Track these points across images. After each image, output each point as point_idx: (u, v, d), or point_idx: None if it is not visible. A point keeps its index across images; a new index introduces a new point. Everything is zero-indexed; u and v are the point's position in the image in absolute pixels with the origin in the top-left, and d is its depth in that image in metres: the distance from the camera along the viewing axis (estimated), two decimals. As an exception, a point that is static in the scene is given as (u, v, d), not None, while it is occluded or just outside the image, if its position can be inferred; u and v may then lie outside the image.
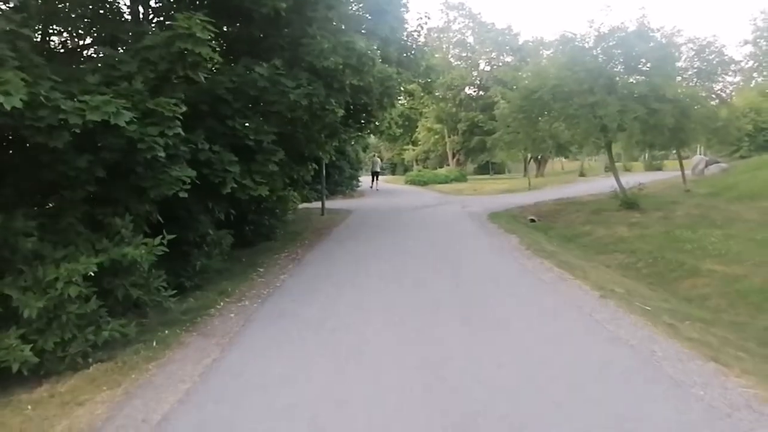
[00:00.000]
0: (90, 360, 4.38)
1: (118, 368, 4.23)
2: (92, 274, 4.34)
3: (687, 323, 5.65)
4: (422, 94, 28.16)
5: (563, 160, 46.48)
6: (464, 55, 42.16)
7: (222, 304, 6.20)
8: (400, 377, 3.90)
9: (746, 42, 38.19)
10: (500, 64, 42.01)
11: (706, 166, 25.14)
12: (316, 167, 11.57)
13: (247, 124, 6.94)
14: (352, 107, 11.07)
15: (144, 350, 4.61)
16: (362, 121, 11.88)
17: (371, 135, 19.84)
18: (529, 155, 38.19)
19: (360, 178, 28.61)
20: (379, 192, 27.48)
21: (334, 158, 14.04)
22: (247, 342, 4.82)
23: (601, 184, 23.76)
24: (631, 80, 15.82)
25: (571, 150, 34.00)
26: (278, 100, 7.07)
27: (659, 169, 33.70)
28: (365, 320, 5.35)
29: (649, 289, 8.46)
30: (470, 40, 42.55)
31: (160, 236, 4.91)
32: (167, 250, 4.94)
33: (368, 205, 20.28)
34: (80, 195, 4.86)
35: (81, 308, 4.33)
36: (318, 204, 17.28)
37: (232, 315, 5.73)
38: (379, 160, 35.97)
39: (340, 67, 7.80)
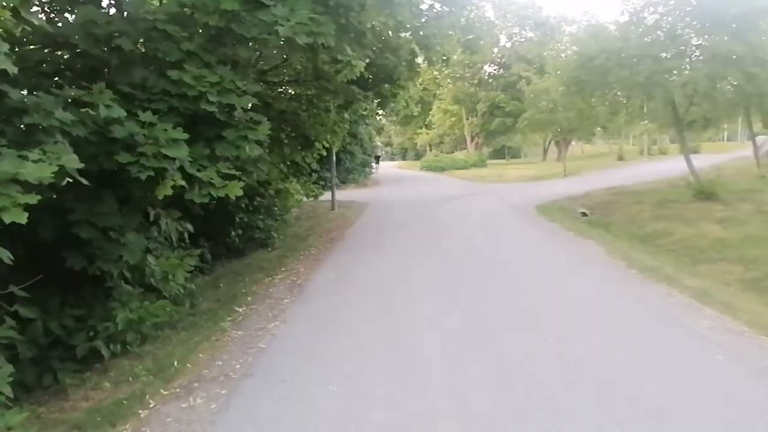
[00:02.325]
0: None
1: None
2: None
3: None
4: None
5: (583, 144, 43.27)
6: (484, 29, 38.64)
7: (152, 403, 3.34)
8: None
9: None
10: (522, 40, 38.81)
11: (773, 147, 21.92)
12: (326, 147, 8.62)
13: (205, 77, 4.00)
14: (370, 79, 8.09)
15: None
16: (386, 93, 8.82)
17: (389, 113, 16.80)
18: (549, 138, 35.29)
19: (373, 165, 25.83)
20: (395, 180, 24.77)
21: (346, 141, 11.10)
22: None
23: (649, 169, 20.78)
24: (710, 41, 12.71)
25: (594, 132, 30.88)
26: (258, 37, 4.18)
27: (695, 152, 30.43)
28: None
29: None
30: (490, 13, 39.07)
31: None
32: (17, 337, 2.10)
33: (386, 196, 17.37)
34: None
35: None
36: (327, 195, 14.41)
37: (161, 444, 2.92)
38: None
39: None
